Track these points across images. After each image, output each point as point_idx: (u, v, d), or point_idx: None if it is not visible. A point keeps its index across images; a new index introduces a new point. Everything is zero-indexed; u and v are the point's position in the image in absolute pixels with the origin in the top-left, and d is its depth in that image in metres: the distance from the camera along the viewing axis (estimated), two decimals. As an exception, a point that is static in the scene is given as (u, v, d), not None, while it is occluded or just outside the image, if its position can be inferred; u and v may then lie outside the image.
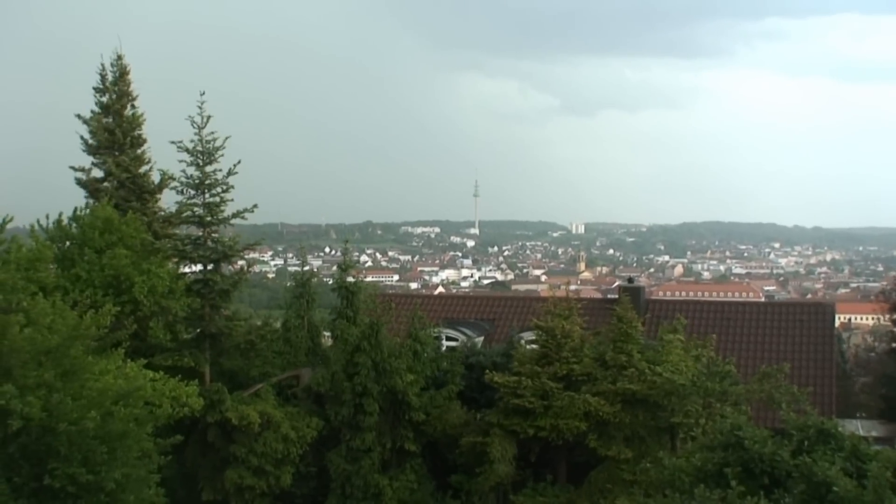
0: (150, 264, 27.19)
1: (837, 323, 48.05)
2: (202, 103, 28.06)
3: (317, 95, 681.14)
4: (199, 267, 29.35)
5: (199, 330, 28.97)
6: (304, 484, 28.86)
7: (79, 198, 31.14)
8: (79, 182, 31.75)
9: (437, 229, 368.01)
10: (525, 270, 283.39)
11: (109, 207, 28.52)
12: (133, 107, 32.32)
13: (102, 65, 31.70)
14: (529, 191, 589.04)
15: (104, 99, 31.88)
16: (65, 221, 28.64)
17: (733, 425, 16.55)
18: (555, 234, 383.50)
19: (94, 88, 31.80)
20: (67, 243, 27.98)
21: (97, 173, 31.77)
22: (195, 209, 28.83)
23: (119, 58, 32.05)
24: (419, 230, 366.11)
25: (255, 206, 29.39)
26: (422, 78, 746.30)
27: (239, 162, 28.89)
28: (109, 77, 31.89)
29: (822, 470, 14.17)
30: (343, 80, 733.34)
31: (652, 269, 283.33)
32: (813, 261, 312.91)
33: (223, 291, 28.99)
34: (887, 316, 48.16)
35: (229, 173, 28.70)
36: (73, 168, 31.66)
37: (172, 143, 28.20)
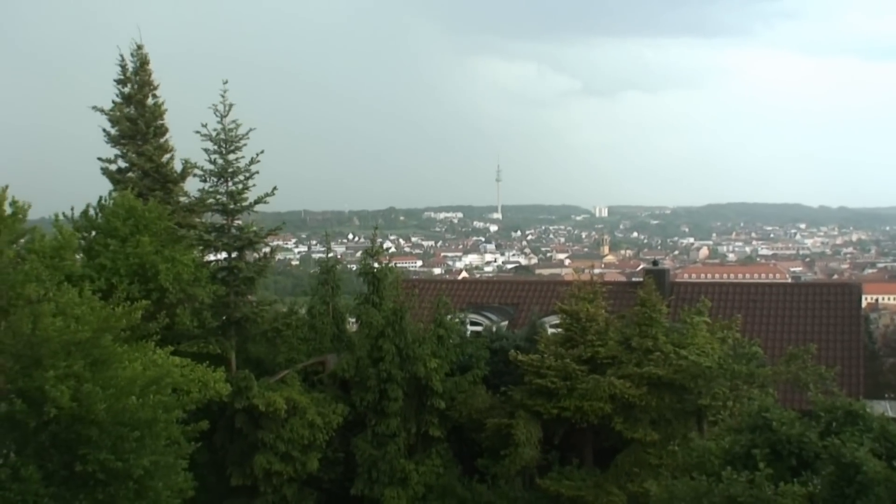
0: (173, 252, 27.35)
1: (864, 303, 47.49)
2: (225, 91, 28.06)
3: (337, 83, 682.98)
4: (224, 255, 29.47)
5: (224, 317, 29.12)
6: (331, 469, 29.03)
7: (103, 188, 31.36)
8: (104, 172, 31.96)
9: (459, 214, 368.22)
10: (548, 254, 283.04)
11: (132, 195, 28.67)
12: (154, 96, 32.43)
13: (122, 55, 31.83)
14: (552, 174, 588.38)
15: (126, 89, 32.00)
16: (91, 212, 28.85)
17: (761, 407, 16.47)
18: (578, 218, 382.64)
19: (116, 80, 31.91)
20: (93, 233, 28.18)
21: (121, 163, 31.95)
22: (218, 197, 28.92)
23: (139, 48, 32.11)
24: (442, 216, 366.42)
25: (275, 188, 29.10)
26: (441, 63, 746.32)
27: (262, 152, 28.84)
28: (130, 67, 31.99)
29: (850, 451, 14.08)
30: (363, 67, 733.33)
31: (677, 252, 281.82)
32: (839, 241, 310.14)
33: (248, 279, 29.13)
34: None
35: (252, 161, 28.67)
36: (100, 159, 31.87)
37: (197, 132, 28.25)
